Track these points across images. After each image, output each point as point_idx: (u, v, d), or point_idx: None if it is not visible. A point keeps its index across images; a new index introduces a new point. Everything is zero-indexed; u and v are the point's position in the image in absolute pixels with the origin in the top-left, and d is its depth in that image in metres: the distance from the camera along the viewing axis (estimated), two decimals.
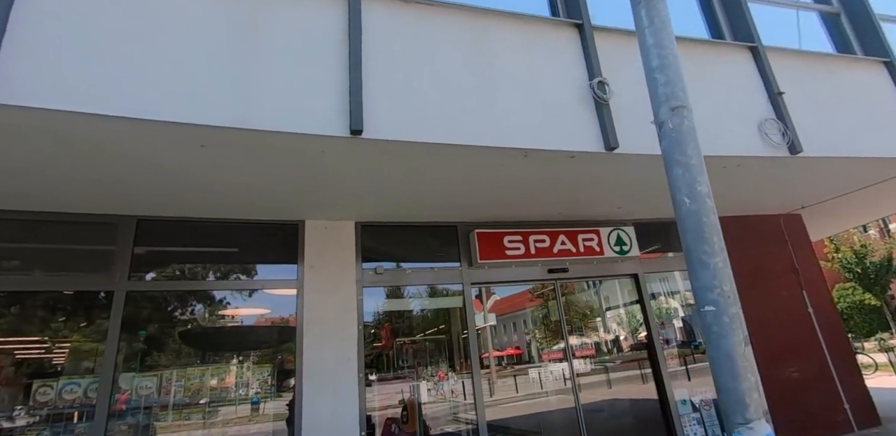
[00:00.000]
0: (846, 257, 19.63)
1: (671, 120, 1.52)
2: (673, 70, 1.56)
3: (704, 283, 1.37)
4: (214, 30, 3.00)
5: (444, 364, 5.35)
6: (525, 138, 3.55)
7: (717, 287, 1.34)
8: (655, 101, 1.58)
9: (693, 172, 1.44)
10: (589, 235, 5.64)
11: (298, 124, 2.98)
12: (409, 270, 5.15)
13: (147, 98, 2.72)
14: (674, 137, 1.50)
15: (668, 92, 1.54)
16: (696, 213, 1.40)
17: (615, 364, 6.01)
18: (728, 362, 1.30)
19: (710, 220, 1.41)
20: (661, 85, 1.57)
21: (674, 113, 1.52)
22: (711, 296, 1.35)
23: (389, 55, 3.37)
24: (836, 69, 5.05)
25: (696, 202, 1.40)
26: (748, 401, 1.32)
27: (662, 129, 1.54)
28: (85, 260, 4.32)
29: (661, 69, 1.58)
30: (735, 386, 1.29)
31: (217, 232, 4.67)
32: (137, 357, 4.21)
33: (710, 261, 1.38)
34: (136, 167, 3.35)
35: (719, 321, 1.33)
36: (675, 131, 1.50)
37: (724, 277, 1.36)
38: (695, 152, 1.46)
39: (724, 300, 1.34)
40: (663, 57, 1.59)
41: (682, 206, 1.42)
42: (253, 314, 4.70)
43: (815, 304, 6.42)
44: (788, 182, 5.30)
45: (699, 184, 1.42)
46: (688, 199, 1.42)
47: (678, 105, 1.52)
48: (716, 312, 1.33)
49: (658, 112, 1.56)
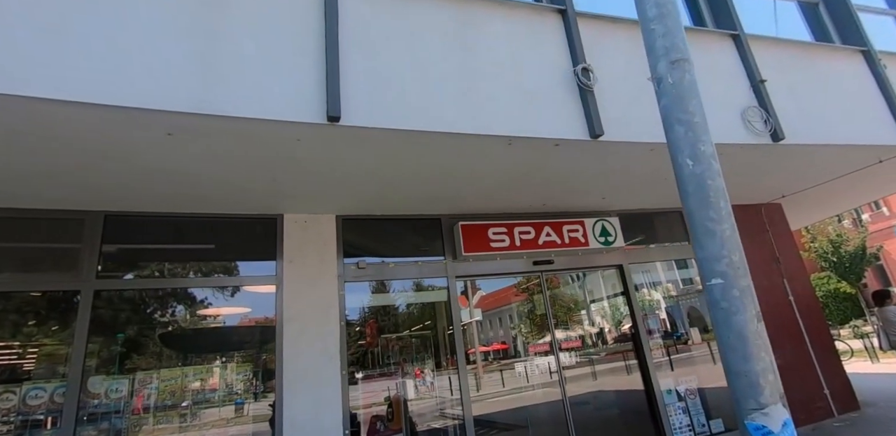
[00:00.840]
0: (822, 247, 20.10)
1: (671, 74, 1.40)
2: (672, 19, 1.44)
3: (711, 253, 1.24)
4: (180, 7, 2.82)
5: (430, 360, 5.25)
6: (508, 126, 3.46)
7: (726, 257, 1.22)
8: (653, 55, 1.46)
9: (696, 131, 1.32)
10: (574, 226, 5.59)
11: (272, 110, 2.84)
12: (393, 265, 5.02)
13: (106, 81, 2.54)
14: (674, 93, 1.38)
15: (667, 44, 1.42)
16: (700, 175, 1.28)
17: (600, 356, 6.01)
18: (739, 341, 1.17)
19: (716, 182, 1.29)
20: (659, 36, 1.44)
21: (674, 66, 1.40)
22: (719, 267, 1.22)
23: (368, 39, 3.24)
24: (816, 58, 5.08)
25: (700, 164, 1.29)
26: (763, 384, 1.18)
27: (661, 84, 1.43)
28: (51, 259, 4.10)
29: (660, 19, 1.45)
30: (748, 368, 1.16)
31: (192, 228, 4.48)
32: (115, 360, 4.02)
33: (717, 228, 1.25)
34: (98, 158, 3.16)
35: (728, 296, 1.20)
36: (676, 86, 1.38)
37: (733, 246, 1.24)
38: (698, 109, 1.35)
39: (732, 272, 1.21)
40: (661, 5, 1.46)
41: (684, 168, 1.30)
42: (234, 314, 4.54)
43: (796, 292, 6.50)
44: (770, 171, 5.32)
45: (703, 143, 1.31)
46: (690, 160, 1.30)
47: (679, 57, 1.41)
48: (724, 285, 1.21)
49: (656, 66, 1.44)
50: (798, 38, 5.39)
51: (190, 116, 2.70)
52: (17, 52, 2.43)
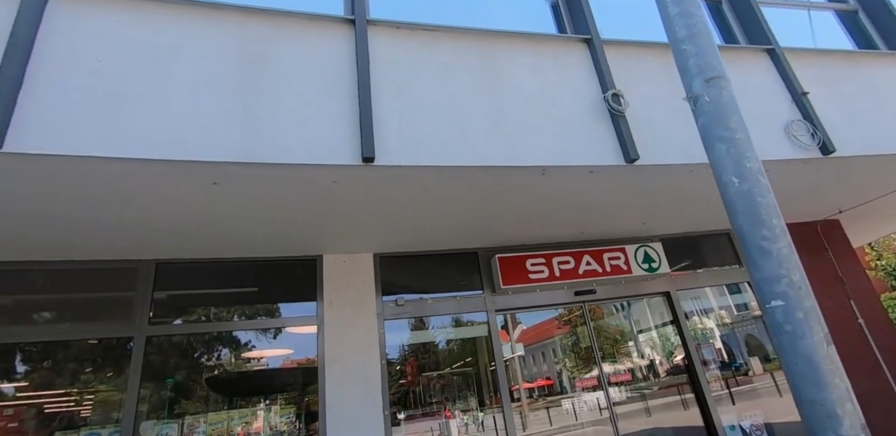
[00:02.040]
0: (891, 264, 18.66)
1: (707, 93, 1.35)
2: (704, 38, 1.40)
3: (768, 273, 1.13)
4: (224, 67, 3.01)
5: (473, 398, 5.08)
6: (541, 156, 3.44)
7: (785, 277, 1.11)
8: (687, 75, 1.41)
9: (740, 148, 1.25)
10: (615, 254, 5.41)
11: (309, 155, 2.93)
12: (431, 300, 4.97)
13: (158, 138, 2.70)
14: (712, 111, 1.32)
15: (700, 63, 1.37)
16: (748, 193, 1.19)
17: (652, 391, 5.66)
18: (809, 367, 1.04)
19: (767, 199, 1.20)
20: (691, 56, 1.40)
21: (709, 84, 1.35)
22: (779, 288, 1.11)
23: (397, 82, 3.34)
24: (862, 66, 4.88)
25: (746, 181, 1.20)
26: (840, 413, 1.07)
27: (698, 103, 1.37)
28: (106, 307, 4.28)
29: (691, 39, 1.41)
30: (822, 397, 1.03)
31: (236, 272, 4.61)
32: (165, 405, 4.09)
33: (772, 247, 1.15)
34: (151, 209, 3.33)
35: (792, 318, 1.08)
36: (714, 104, 1.32)
37: (792, 265, 1.13)
38: (739, 125, 1.28)
39: (794, 292, 1.10)
40: (691, 26, 1.42)
41: (730, 187, 1.22)
42: (277, 355, 4.56)
43: (865, 314, 6.00)
44: (822, 186, 5.05)
45: (748, 160, 1.23)
46: (736, 178, 1.22)
47: (714, 75, 1.35)
48: (786, 306, 1.09)
49: (691, 86, 1.39)
50: (839, 48, 5.22)
51: (234, 165, 2.83)
52: (80, 116, 2.62)
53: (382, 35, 3.45)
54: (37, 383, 3.94)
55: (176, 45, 2.97)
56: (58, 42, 2.74)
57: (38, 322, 4.09)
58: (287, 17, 3.29)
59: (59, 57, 2.71)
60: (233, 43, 3.09)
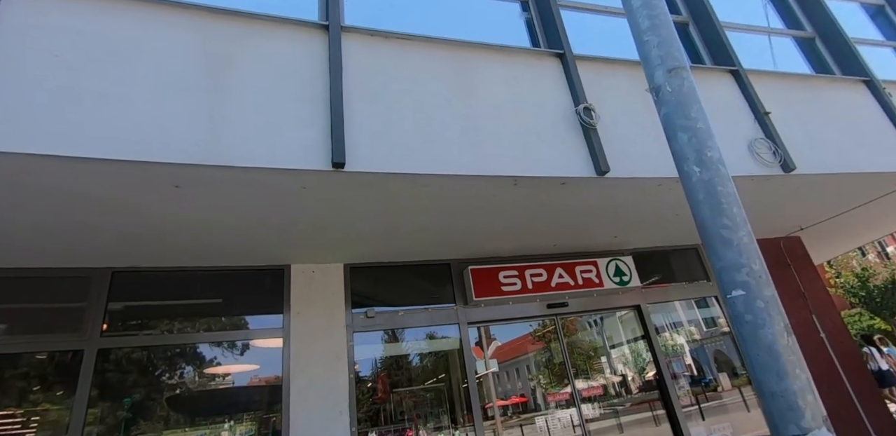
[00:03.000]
0: (849, 282, 19.39)
1: (669, 82, 1.38)
2: (665, 29, 1.43)
3: (729, 262, 1.13)
4: (188, 67, 2.93)
5: (445, 416, 4.94)
6: (513, 166, 3.45)
7: (745, 266, 1.11)
8: (649, 66, 1.44)
9: (701, 137, 1.27)
10: (587, 267, 5.44)
11: (277, 159, 2.86)
12: (403, 312, 4.86)
13: (114, 137, 2.59)
14: (674, 101, 1.35)
15: (662, 53, 1.40)
16: (709, 182, 1.20)
17: (625, 407, 5.63)
18: (770, 357, 1.03)
19: (727, 188, 1.21)
20: (653, 47, 1.43)
21: (671, 75, 1.38)
22: (739, 277, 1.11)
23: (370, 88, 3.32)
24: (819, 89, 5.12)
25: (707, 170, 1.21)
26: (802, 405, 1.05)
27: (660, 94, 1.39)
28: (56, 319, 4.01)
29: (653, 30, 1.45)
30: (783, 387, 1.01)
31: (199, 282, 4.42)
32: (121, 427, 3.82)
33: (733, 236, 1.15)
34: (107, 213, 3.18)
35: (752, 307, 1.07)
36: (675, 93, 1.35)
37: (752, 254, 1.13)
38: (700, 114, 1.30)
39: (754, 281, 1.09)
40: (653, 17, 1.46)
41: (692, 176, 1.23)
42: (243, 371, 4.34)
43: (827, 329, 6.16)
44: (785, 203, 5.22)
45: (709, 149, 1.24)
46: (697, 167, 1.22)
47: (675, 66, 1.39)
48: (746, 296, 1.08)
49: (653, 76, 1.41)
50: (798, 71, 5.47)
51: (197, 168, 2.73)
52: (29, 112, 2.49)
53: (356, 42, 3.44)
54: None
55: (138, 42, 2.88)
56: (10, 35, 2.62)
57: None
58: (256, 19, 3.24)
59: (11, 51, 2.59)
60: (198, 43, 3.02)
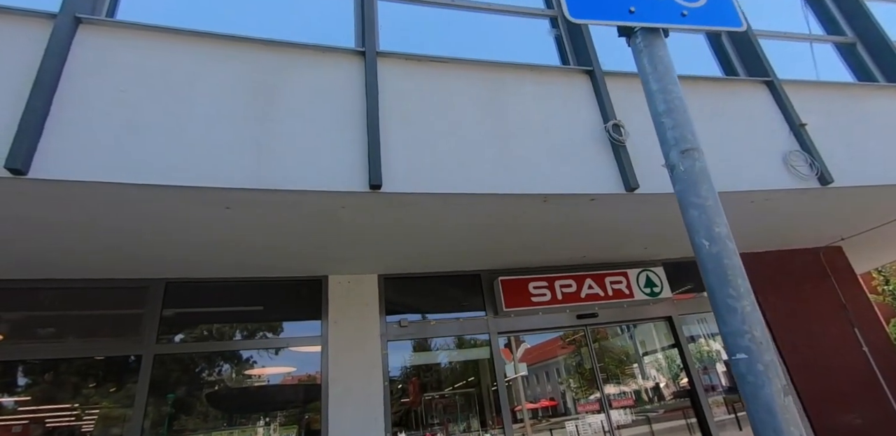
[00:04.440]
0: None
1: (682, 163, 1.49)
2: (680, 113, 1.54)
3: (733, 328, 1.26)
4: (237, 97, 3.15)
5: (475, 419, 5.08)
6: (543, 184, 3.54)
7: (748, 333, 1.23)
8: (665, 145, 1.55)
9: (709, 214, 1.37)
10: (617, 278, 5.46)
11: (318, 182, 3.04)
12: (434, 322, 5.02)
13: (174, 166, 2.83)
14: (687, 180, 1.45)
15: (676, 135, 1.52)
16: (717, 255, 1.31)
17: (657, 414, 5.62)
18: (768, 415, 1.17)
19: (733, 261, 1.32)
20: (669, 129, 1.54)
21: (684, 156, 1.49)
22: (742, 342, 1.23)
23: (405, 111, 3.46)
24: (860, 98, 4.97)
25: (715, 244, 1.32)
26: None
27: (674, 172, 1.51)
28: (116, 325, 4.37)
29: (668, 113, 1.56)
30: None
31: (242, 291, 4.71)
32: (165, 422, 4.13)
33: (738, 305, 1.27)
34: (165, 231, 3.46)
35: (753, 370, 1.20)
36: (688, 173, 1.45)
37: (755, 322, 1.25)
38: (710, 193, 1.40)
39: (756, 347, 1.22)
40: (669, 101, 1.57)
41: (702, 248, 1.35)
42: (279, 373, 4.61)
43: (869, 342, 5.96)
44: (823, 214, 5.10)
45: (717, 225, 1.34)
46: (706, 241, 1.34)
47: (688, 147, 1.49)
48: (749, 360, 1.21)
49: (668, 155, 1.52)
50: (838, 80, 5.32)
51: (246, 192, 2.94)
52: (100, 143, 2.76)
53: (392, 66, 3.59)
54: (39, 398, 3.99)
55: (193, 75, 3.11)
56: (82, 72, 2.88)
57: (48, 339, 4.18)
58: (299, 49, 3.44)
59: (84, 87, 2.85)
60: (247, 74, 3.23)
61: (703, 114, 4.30)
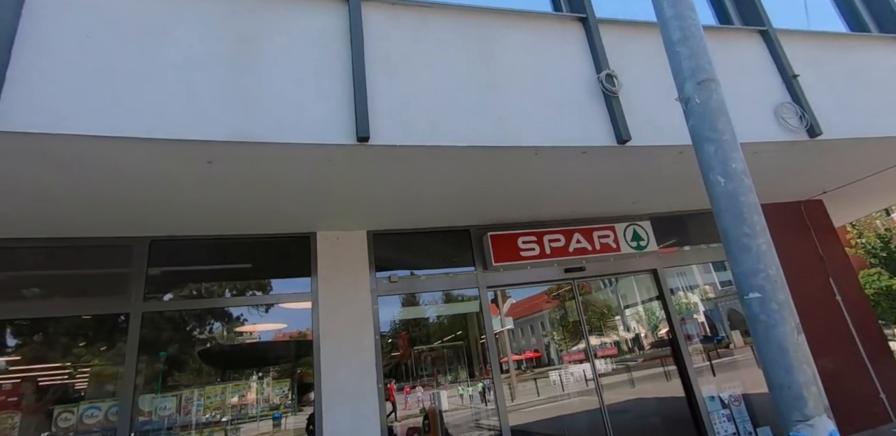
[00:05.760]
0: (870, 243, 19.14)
1: (698, 94, 1.41)
2: (696, 41, 1.45)
3: (747, 267, 1.24)
4: (217, 45, 2.95)
5: (464, 370, 5.26)
6: (534, 136, 3.46)
7: (762, 271, 1.22)
8: (679, 76, 1.46)
9: (726, 149, 1.33)
10: (604, 232, 5.51)
11: (305, 134, 2.92)
12: (424, 277, 5.06)
13: (153, 118, 2.67)
14: (702, 113, 1.39)
15: (693, 65, 1.43)
16: (733, 192, 1.28)
17: (637, 363, 5.88)
18: (780, 354, 1.18)
19: (749, 199, 1.29)
20: (684, 58, 1.45)
21: (701, 87, 1.41)
22: (756, 281, 1.22)
23: (392, 60, 3.30)
24: (853, 49, 4.89)
25: (731, 181, 1.29)
26: (806, 395, 1.19)
27: (689, 105, 1.43)
28: (101, 283, 4.31)
29: (684, 41, 1.46)
30: (790, 380, 1.17)
31: (229, 249, 4.64)
32: (158, 378, 4.18)
33: (753, 243, 1.25)
34: (146, 187, 3.33)
35: (767, 309, 1.20)
36: (704, 106, 1.39)
37: (770, 261, 1.23)
38: (727, 127, 1.35)
39: (770, 285, 1.21)
40: (685, 28, 1.47)
41: (717, 186, 1.31)
42: (270, 330, 4.65)
43: (843, 292, 6.22)
44: (808, 167, 5.14)
45: (734, 161, 1.30)
46: (722, 178, 1.30)
47: (705, 78, 1.41)
48: (762, 298, 1.21)
49: (683, 87, 1.44)
50: (831, 30, 5.21)
51: (229, 145, 2.81)
52: (68, 94, 2.58)
53: (377, 11, 3.39)
54: (29, 357, 3.99)
55: (168, 22, 2.90)
56: (43, 17, 2.66)
57: (33, 299, 4.12)
58: None
59: (46, 32, 2.64)
60: (226, 21, 3.02)
61: None
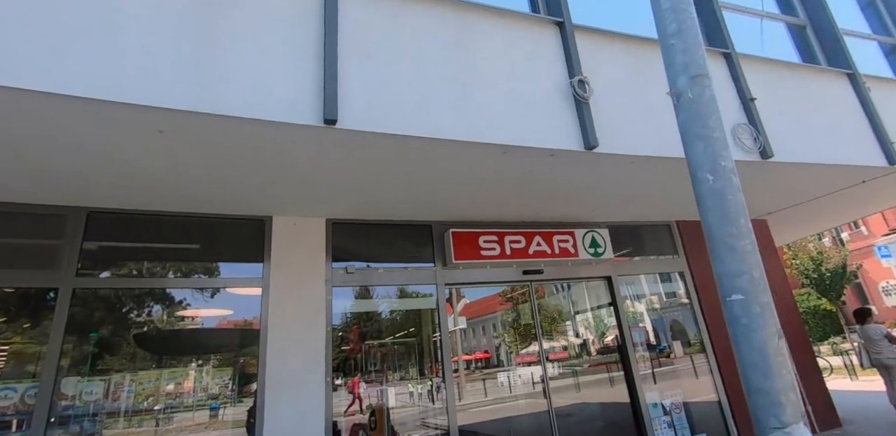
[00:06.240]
0: (804, 264, 20.44)
1: (691, 89, 1.40)
2: (692, 35, 1.45)
3: (731, 268, 1.23)
4: (180, 5, 2.78)
5: (414, 368, 5.20)
6: (503, 134, 3.47)
7: (746, 273, 1.21)
8: (672, 70, 1.46)
9: (716, 146, 1.32)
10: (564, 237, 5.60)
11: (268, 111, 2.80)
12: (382, 270, 4.97)
13: (99, 76, 2.48)
14: (693, 109, 1.38)
15: (686, 60, 1.42)
16: (721, 191, 1.27)
17: (583, 368, 5.99)
18: (760, 358, 1.15)
19: (737, 198, 1.28)
20: (678, 52, 1.45)
21: (694, 82, 1.40)
22: (739, 283, 1.21)
23: (366, 45, 3.23)
24: (805, 78, 5.18)
25: (720, 179, 1.28)
26: (784, 402, 1.16)
27: (681, 100, 1.42)
28: (29, 254, 3.97)
29: (679, 34, 1.46)
30: (769, 386, 1.16)
31: (177, 227, 4.38)
32: (87, 361, 3.89)
33: (738, 244, 1.24)
34: (89, 154, 3.09)
35: (748, 312, 1.18)
36: (696, 102, 1.38)
37: (753, 262, 1.22)
38: (717, 124, 1.34)
39: (753, 288, 1.20)
40: (681, 21, 1.47)
41: (704, 184, 1.30)
42: (215, 315, 4.42)
43: (779, 308, 6.47)
44: (758, 188, 5.40)
45: (723, 159, 1.30)
46: (710, 175, 1.29)
47: (698, 73, 1.41)
48: (744, 300, 1.19)
49: (675, 81, 1.44)
50: (787, 59, 5.50)
51: (184, 114, 2.65)
52: (10, 43, 2.36)
53: None
54: None
55: None
56: None
57: None
58: None
59: None
60: None
61: (664, 79, 4.32)
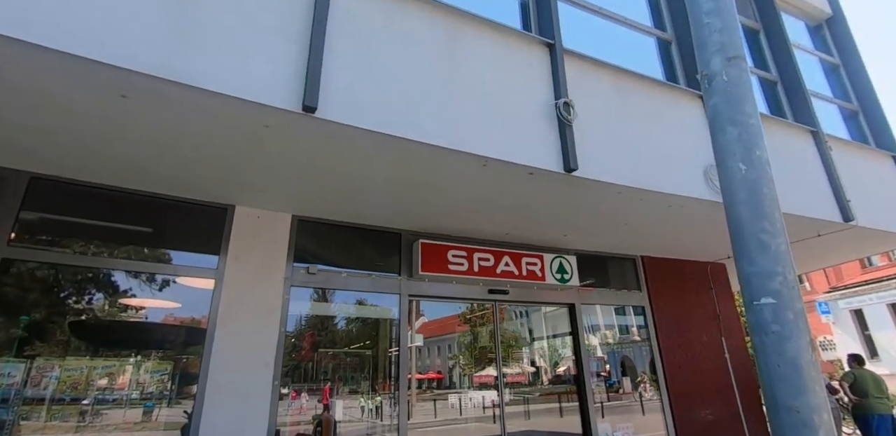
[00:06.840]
0: None
1: (727, 71, 1.29)
2: (729, 15, 1.34)
3: (762, 268, 1.05)
4: None
5: (366, 382, 4.99)
6: (485, 146, 3.46)
7: (780, 275, 1.04)
8: (705, 51, 1.33)
9: (752, 134, 1.20)
10: (533, 260, 5.59)
11: (244, 89, 2.67)
12: (346, 274, 4.79)
13: (65, 27, 2.31)
14: (729, 92, 1.27)
15: (724, 39, 1.31)
16: (755, 182, 1.15)
17: (534, 396, 5.91)
18: (793, 371, 0.99)
19: (772, 191, 1.16)
20: (715, 31, 1.32)
21: (730, 63, 1.29)
22: (772, 285, 1.03)
23: (356, 36, 3.18)
24: (772, 130, 5.41)
25: (755, 169, 1.16)
26: (817, 422, 0.99)
27: (713, 82, 1.30)
28: None
29: (717, 13, 1.34)
30: (800, 403, 0.99)
31: (129, 205, 4.05)
32: (14, 345, 3.55)
33: (772, 242, 1.08)
34: (38, 110, 2.84)
35: (781, 318, 1.00)
36: (731, 84, 1.27)
37: (788, 263, 1.07)
38: (753, 110, 1.24)
39: (787, 291, 1.03)
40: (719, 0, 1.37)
41: (736, 173, 1.17)
42: (161, 308, 4.11)
43: (731, 350, 6.68)
44: (720, 231, 5.48)
45: (758, 148, 1.18)
46: (744, 165, 1.17)
47: (735, 54, 1.30)
48: (777, 305, 1.01)
49: (709, 63, 1.32)
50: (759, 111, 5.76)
51: (150, 79, 2.49)
52: None
53: None
54: None
55: None
56: None
57: None
58: None
59: None
60: None
61: (646, 114, 4.47)
